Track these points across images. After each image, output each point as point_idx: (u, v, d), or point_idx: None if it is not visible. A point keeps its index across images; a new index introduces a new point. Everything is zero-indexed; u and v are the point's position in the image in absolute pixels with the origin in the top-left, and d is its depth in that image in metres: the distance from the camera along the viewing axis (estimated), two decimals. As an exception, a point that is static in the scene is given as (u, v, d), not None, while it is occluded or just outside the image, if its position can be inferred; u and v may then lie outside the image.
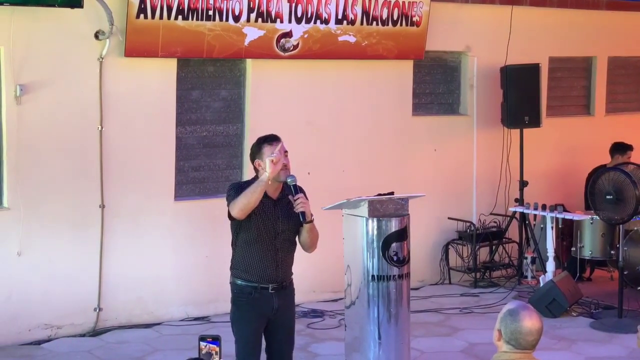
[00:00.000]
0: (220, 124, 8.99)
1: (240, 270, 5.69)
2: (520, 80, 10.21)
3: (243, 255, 5.68)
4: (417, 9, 9.53)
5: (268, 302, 5.74)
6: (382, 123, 9.84)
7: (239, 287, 5.68)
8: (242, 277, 5.68)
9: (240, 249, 5.69)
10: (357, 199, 6.89)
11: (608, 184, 8.58)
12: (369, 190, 7.86)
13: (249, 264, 5.69)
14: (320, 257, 9.27)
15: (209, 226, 8.81)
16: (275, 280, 5.81)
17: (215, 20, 8.36)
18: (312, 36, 8.95)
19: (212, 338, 4.13)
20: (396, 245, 6.82)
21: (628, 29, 11.68)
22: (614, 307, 8.86)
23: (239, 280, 5.68)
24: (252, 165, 5.81)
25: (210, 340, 4.12)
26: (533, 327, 3.97)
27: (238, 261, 5.71)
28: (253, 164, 5.80)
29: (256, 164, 5.76)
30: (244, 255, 5.68)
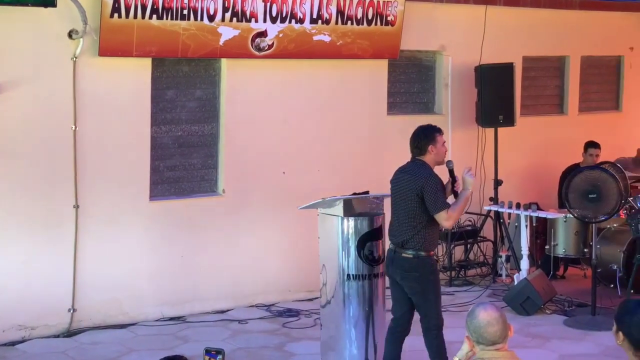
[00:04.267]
0: (195, 123, 8.97)
1: (430, 244, 6.55)
2: (495, 79, 10.26)
3: (431, 232, 6.54)
4: (391, 9, 9.55)
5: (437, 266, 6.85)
6: (357, 122, 9.85)
7: (429, 259, 6.57)
8: (429, 249, 6.56)
9: (429, 227, 6.52)
10: (332, 198, 6.90)
11: (586, 182, 8.62)
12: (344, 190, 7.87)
13: (434, 239, 6.63)
14: (296, 257, 9.32)
15: (185, 226, 8.80)
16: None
17: (190, 20, 8.35)
18: (287, 36, 8.95)
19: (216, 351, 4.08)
20: (371, 244, 6.84)
21: (601, 29, 11.76)
22: (587, 305, 8.92)
23: (425, 252, 6.52)
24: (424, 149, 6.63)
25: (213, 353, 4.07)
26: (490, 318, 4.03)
27: (427, 238, 6.52)
28: (425, 148, 6.63)
29: (429, 149, 6.60)
30: (431, 232, 6.55)
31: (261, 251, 9.24)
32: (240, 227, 9.11)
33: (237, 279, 9.09)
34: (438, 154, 6.63)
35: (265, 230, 9.26)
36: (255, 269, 9.21)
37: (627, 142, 11.70)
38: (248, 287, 9.15)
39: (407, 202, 6.51)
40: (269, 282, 9.28)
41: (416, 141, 6.71)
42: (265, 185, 9.25)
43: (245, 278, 9.14)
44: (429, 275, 6.55)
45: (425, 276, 6.53)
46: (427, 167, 6.58)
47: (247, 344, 8.02)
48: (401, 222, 6.55)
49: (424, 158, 6.62)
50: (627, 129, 12.12)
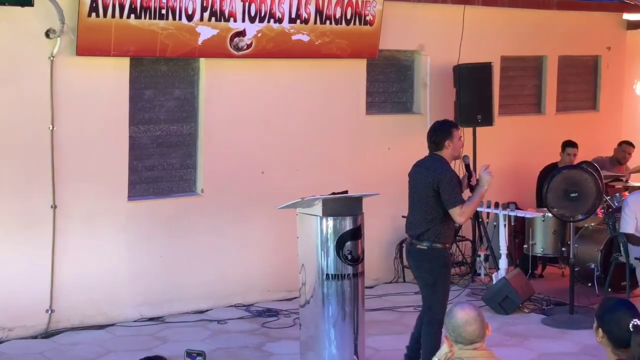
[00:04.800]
0: (174, 123, 8.95)
1: (445, 236, 6.73)
2: (473, 79, 10.29)
3: (446, 225, 6.71)
4: (370, 8, 9.56)
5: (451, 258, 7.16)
6: (335, 122, 9.86)
7: (444, 251, 6.75)
8: (445, 242, 6.75)
9: (444, 221, 6.69)
10: (311, 197, 6.90)
11: (566, 182, 8.65)
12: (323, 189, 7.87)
13: (449, 232, 6.79)
14: (275, 256, 9.32)
15: (163, 226, 8.78)
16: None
17: (168, 19, 8.32)
18: (266, 35, 8.94)
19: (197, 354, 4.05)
20: (350, 244, 6.84)
21: (578, 29, 11.82)
22: (565, 304, 8.97)
23: (440, 244, 6.71)
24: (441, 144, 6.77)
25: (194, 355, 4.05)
26: (468, 316, 4.05)
27: (442, 230, 6.70)
28: (442, 143, 6.76)
29: (446, 144, 6.74)
30: (447, 225, 6.72)
31: (240, 251, 9.22)
32: (219, 226, 9.10)
33: (216, 279, 9.08)
34: (455, 149, 6.81)
35: (244, 230, 9.25)
36: (234, 268, 9.20)
37: (604, 142, 11.77)
38: (227, 287, 9.14)
39: (424, 196, 6.72)
40: (248, 282, 9.27)
41: (433, 136, 6.86)
42: (244, 185, 9.23)
43: (224, 278, 9.13)
44: (441, 267, 6.76)
45: (437, 268, 6.74)
46: (443, 162, 6.76)
47: (227, 344, 8.01)
48: (417, 215, 6.79)
49: (441, 153, 6.79)
50: (604, 129, 12.19)
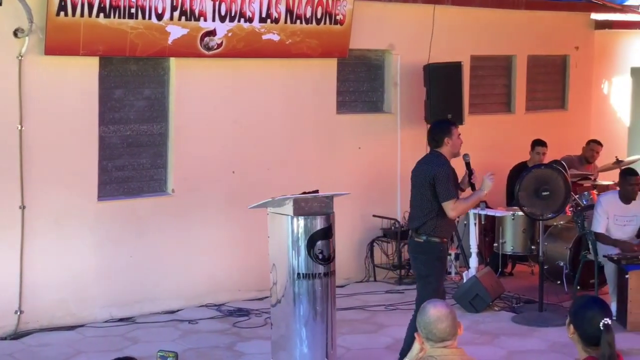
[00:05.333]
0: (144, 123, 8.91)
1: (441, 231, 6.92)
2: (443, 78, 10.33)
3: (443, 219, 6.90)
4: (340, 8, 9.57)
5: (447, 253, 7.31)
6: (306, 121, 9.86)
7: (440, 245, 6.93)
8: (442, 236, 6.94)
9: (442, 214, 6.87)
10: (282, 197, 6.90)
11: (537, 180, 8.70)
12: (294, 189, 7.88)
13: (446, 226, 6.99)
14: (246, 256, 9.31)
15: (133, 226, 8.74)
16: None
17: (138, 19, 8.29)
18: (236, 35, 8.93)
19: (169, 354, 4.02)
20: (321, 243, 6.85)
21: (547, 28, 11.90)
22: (534, 301, 9.02)
23: (437, 238, 6.90)
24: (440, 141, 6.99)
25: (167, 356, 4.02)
26: (440, 314, 4.05)
27: (438, 225, 6.89)
28: (442, 140, 6.98)
29: (445, 142, 6.96)
30: (444, 219, 6.90)
31: (211, 251, 9.21)
32: (189, 226, 9.07)
33: (186, 279, 9.05)
34: (454, 146, 7.02)
35: (215, 230, 9.23)
36: (205, 268, 9.18)
37: (573, 140, 11.84)
38: (198, 286, 9.12)
39: (422, 190, 6.96)
40: (219, 281, 9.25)
41: (432, 134, 7.11)
42: (215, 184, 9.22)
43: (195, 278, 9.11)
44: (435, 260, 6.96)
45: (432, 261, 6.95)
46: (442, 158, 6.98)
47: (198, 344, 7.99)
48: (416, 209, 7.02)
49: (440, 150, 7.02)
50: (572, 128, 12.27)
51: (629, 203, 8.96)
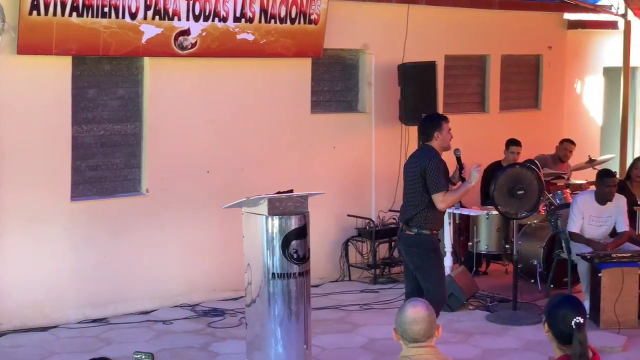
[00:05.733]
0: (117, 122, 8.87)
1: (432, 223, 7.06)
2: (417, 77, 10.35)
3: (434, 212, 7.03)
4: (315, 7, 9.57)
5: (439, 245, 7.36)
6: (281, 121, 9.85)
7: (430, 237, 7.07)
8: (432, 228, 7.07)
9: (432, 207, 7.01)
10: (256, 197, 6.89)
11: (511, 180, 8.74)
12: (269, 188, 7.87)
13: (437, 218, 7.12)
14: (221, 256, 9.29)
15: (107, 226, 8.70)
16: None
17: (111, 18, 8.25)
18: (211, 34, 8.91)
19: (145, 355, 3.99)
20: (296, 243, 6.84)
21: (520, 28, 11.95)
22: (508, 300, 9.06)
23: (427, 230, 7.05)
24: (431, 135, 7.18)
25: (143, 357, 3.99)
26: (416, 316, 4.02)
27: (429, 217, 7.03)
28: (432, 134, 7.17)
29: (435, 136, 7.13)
30: (434, 211, 7.04)
31: (185, 251, 9.18)
32: (164, 226, 9.04)
33: (161, 279, 9.02)
34: (444, 140, 7.17)
35: (190, 230, 9.21)
36: (179, 268, 9.15)
37: (546, 140, 11.91)
38: (172, 287, 9.09)
39: (413, 183, 7.11)
40: (193, 281, 9.23)
41: (423, 128, 7.27)
42: (189, 184, 9.19)
43: (170, 278, 9.08)
44: (429, 252, 7.09)
45: (426, 253, 7.09)
46: (432, 151, 7.13)
47: (172, 345, 7.97)
48: (407, 201, 7.17)
49: (431, 144, 7.18)
50: (546, 127, 12.34)
51: (605, 204, 9.00)
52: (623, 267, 8.41)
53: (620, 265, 8.43)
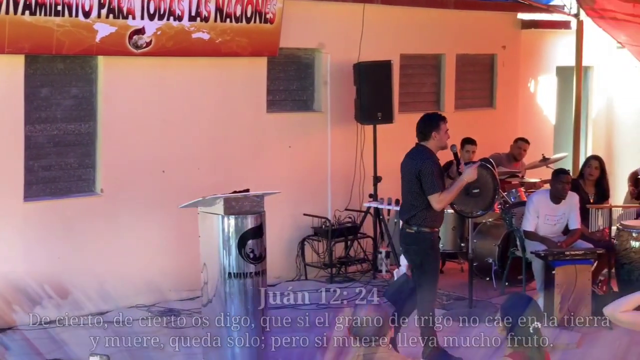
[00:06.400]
0: (71, 122, 8.80)
1: (432, 221, 7.20)
2: (373, 77, 10.38)
3: (431, 211, 7.15)
4: (270, 6, 9.56)
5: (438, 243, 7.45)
6: (237, 120, 9.83)
7: (430, 235, 7.21)
8: (430, 227, 7.20)
9: (428, 206, 7.14)
10: (212, 196, 6.88)
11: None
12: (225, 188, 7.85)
13: (437, 216, 7.24)
14: (177, 256, 9.24)
15: (61, 227, 8.62)
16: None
17: (65, 16, 8.17)
18: (165, 33, 8.86)
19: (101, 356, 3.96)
20: (252, 243, 6.84)
21: (474, 27, 12.04)
22: (464, 298, 9.12)
23: (427, 228, 7.18)
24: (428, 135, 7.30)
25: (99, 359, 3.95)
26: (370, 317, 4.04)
27: (428, 216, 7.17)
28: (429, 134, 7.28)
29: (433, 135, 7.24)
30: (431, 210, 7.15)
31: (141, 251, 9.12)
32: (119, 226, 8.98)
33: (116, 280, 8.95)
34: (441, 140, 7.29)
35: (145, 230, 9.15)
36: (135, 268, 9.09)
37: (501, 138, 12.00)
38: (128, 287, 9.02)
39: (410, 183, 7.25)
40: (149, 282, 9.17)
41: (421, 127, 7.34)
42: (144, 184, 9.13)
43: (125, 278, 9.01)
44: (427, 249, 7.25)
45: (424, 250, 7.24)
46: (427, 152, 7.27)
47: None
48: (406, 201, 7.32)
49: (426, 143, 7.31)
50: (500, 126, 12.44)
51: (559, 203, 9.10)
52: (576, 265, 8.52)
53: (574, 263, 8.53)
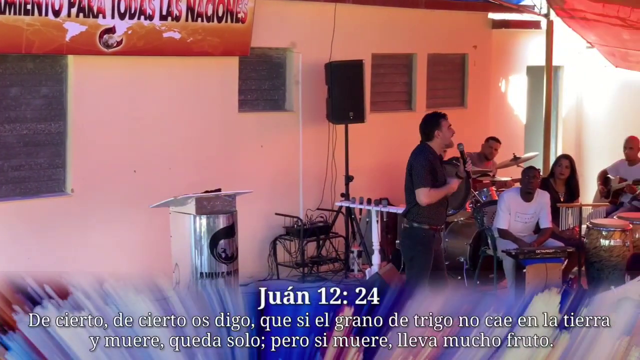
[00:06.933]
0: (41, 122, 8.74)
1: (427, 217, 7.22)
2: (345, 76, 10.39)
3: (431, 207, 7.20)
4: (242, 6, 9.54)
5: (438, 240, 7.38)
6: (208, 120, 9.81)
7: (422, 231, 7.23)
8: (430, 223, 7.22)
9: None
10: (184, 196, 6.86)
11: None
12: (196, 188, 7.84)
13: (433, 213, 7.24)
14: (148, 256, 9.20)
15: (31, 227, 8.56)
16: (444, 222, 7.46)
17: (34, 15, 8.11)
18: (136, 32, 8.82)
19: None
20: (224, 242, 6.84)
21: (446, 27, 12.08)
22: (436, 297, 9.14)
23: (419, 224, 7.22)
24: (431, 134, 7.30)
25: None
26: None
27: (422, 212, 7.22)
28: (432, 133, 7.29)
29: (436, 134, 7.25)
30: (432, 207, 7.20)
31: (112, 251, 9.07)
32: (90, 226, 8.93)
33: (87, 281, 8.90)
34: (444, 138, 7.30)
35: (117, 230, 9.11)
36: (106, 269, 9.03)
37: (472, 138, 12.03)
38: (99, 288, 8.97)
39: (406, 179, 7.37)
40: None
41: (423, 128, 7.41)
42: (115, 184, 9.09)
43: (96, 279, 8.96)
44: (417, 244, 7.30)
45: (414, 245, 7.32)
46: (425, 149, 7.31)
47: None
48: (406, 197, 7.43)
49: (430, 143, 7.32)
50: (471, 125, 12.48)
51: (530, 200, 9.16)
52: (547, 263, 8.58)
53: (544, 261, 8.59)
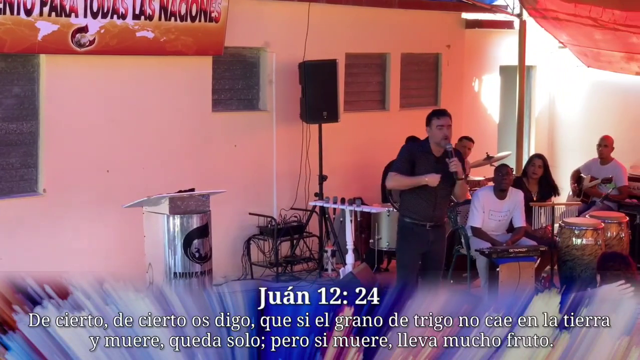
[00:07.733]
0: (13, 121, 8.68)
1: (408, 210, 7.28)
2: (318, 76, 10.39)
3: (410, 200, 7.25)
4: (215, 5, 9.52)
5: (425, 236, 7.27)
6: (182, 120, 9.78)
7: (405, 223, 7.29)
8: (412, 217, 7.25)
9: (409, 194, 7.24)
10: (157, 196, 6.84)
11: None
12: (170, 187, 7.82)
13: (414, 206, 7.24)
14: (121, 256, 9.17)
15: (3, 228, 8.51)
16: (432, 219, 7.27)
17: (6, 14, 8.05)
18: (109, 31, 8.77)
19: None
20: (198, 242, 6.83)
21: (419, 27, 12.11)
22: (410, 296, 9.16)
23: (407, 218, 7.27)
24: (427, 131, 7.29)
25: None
26: None
27: (404, 204, 7.31)
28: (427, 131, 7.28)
29: (428, 131, 7.25)
30: (410, 198, 7.24)
31: (85, 251, 9.03)
32: (62, 226, 8.88)
33: (60, 281, 8.85)
34: (432, 136, 7.23)
35: (89, 230, 9.06)
36: (79, 269, 8.98)
37: (446, 137, 12.08)
38: (72, 288, 8.92)
39: None
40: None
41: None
42: (88, 183, 9.05)
43: (69, 280, 8.91)
44: (399, 236, 7.49)
45: (399, 237, 7.50)
46: (415, 143, 7.63)
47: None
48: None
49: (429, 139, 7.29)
50: (445, 125, 12.51)
51: (504, 198, 9.21)
52: (520, 262, 8.63)
53: (517, 260, 8.64)
